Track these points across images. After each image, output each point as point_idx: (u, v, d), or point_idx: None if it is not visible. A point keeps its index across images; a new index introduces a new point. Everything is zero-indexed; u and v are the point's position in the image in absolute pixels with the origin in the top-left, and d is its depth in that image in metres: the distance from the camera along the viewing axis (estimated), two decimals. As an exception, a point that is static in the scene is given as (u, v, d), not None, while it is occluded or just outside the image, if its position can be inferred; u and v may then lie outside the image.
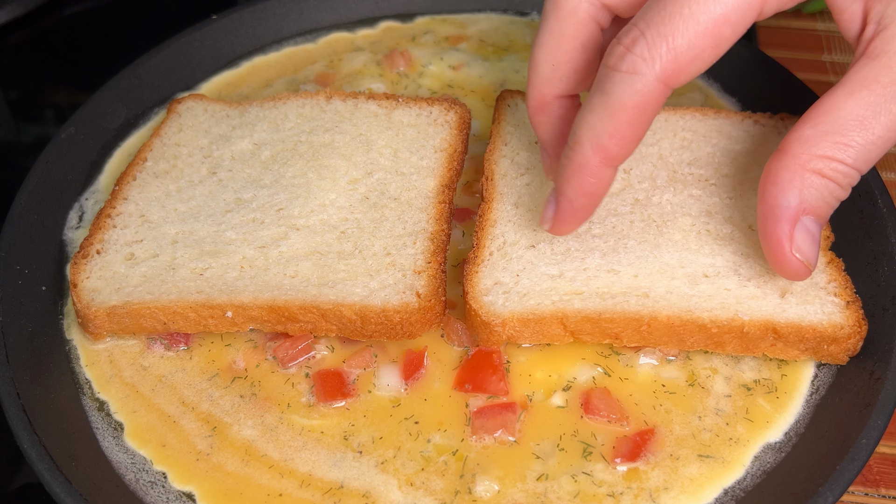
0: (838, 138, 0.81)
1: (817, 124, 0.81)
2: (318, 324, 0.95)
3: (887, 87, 0.79)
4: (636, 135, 0.82)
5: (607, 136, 0.81)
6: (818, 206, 0.83)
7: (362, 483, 0.88)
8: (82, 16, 1.67)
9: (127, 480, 0.89)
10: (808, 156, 0.82)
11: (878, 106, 0.79)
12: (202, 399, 0.95)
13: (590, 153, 0.82)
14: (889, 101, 0.79)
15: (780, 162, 0.83)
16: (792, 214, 0.83)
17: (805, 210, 0.83)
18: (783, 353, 0.92)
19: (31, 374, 0.94)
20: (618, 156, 0.83)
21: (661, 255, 0.96)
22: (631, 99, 0.79)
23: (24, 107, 1.56)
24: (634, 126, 0.81)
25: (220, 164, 1.11)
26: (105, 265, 1.00)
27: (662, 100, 0.80)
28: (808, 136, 0.82)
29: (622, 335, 0.92)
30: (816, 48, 1.47)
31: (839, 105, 0.81)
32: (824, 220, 0.85)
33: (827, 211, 0.84)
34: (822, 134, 0.81)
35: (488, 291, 0.94)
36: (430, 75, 1.28)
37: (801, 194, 0.82)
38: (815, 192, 0.82)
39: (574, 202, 0.87)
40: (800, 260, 0.84)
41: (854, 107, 0.80)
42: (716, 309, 0.91)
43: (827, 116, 0.81)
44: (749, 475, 0.88)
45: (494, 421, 0.90)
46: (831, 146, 0.81)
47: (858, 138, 0.80)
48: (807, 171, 0.82)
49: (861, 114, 0.80)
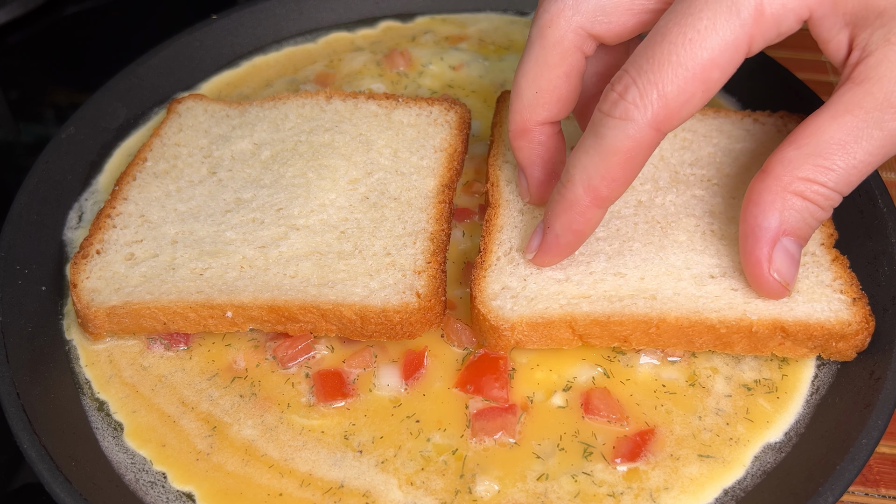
0: (820, 161, 0.82)
1: (801, 146, 0.83)
2: (318, 324, 0.95)
3: (870, 112, 0.80)
4: (627, 178, 0.83)
5: (599, 178, 0.83)
6: (798, 228, 0.85)
7: (362, 482, 0.88)
8: (82, 16, 1.67)
9: (127, 480, 0.89)
10: (790, 178, 0.83)
11: (861, 131, 0.80)
12: (202, 399, 0.95)
13: (581, 192, 0.85)
14: (871, 126, 0.80)
15: (763, 183, 0.84)
16: (772, 235, 0.85)
17: (785, 231, 0.84)
18: (792, 352, 0.92)
19: (31, 374, 0.94)
20: (608, 197, 0.85)
21: (667, 256, 0.96)
22: (623, 144, 0.80)
23: (24, 107, 1.56)
24: (626, 169, 0.82)
25: (220, 164, 1.11)
26: (105, 265, 1.00)
27: (654, 144, 0.82)
28: (791, 158, 0.83)
29: (631, 338, 0.92)
30: (816, 48, 1.46)
31: (823, 128, 0.81)
32: (805, 241, 0.87)
33: (808, 232, 0.86)
34: (805, 156, 0.82)
35: (496, 296, 0.94)
36: (430, 75, 1.28)
37: (782, 216, 0.84)
38: (796, 213, 0.84)
39: (560, 237, 0.90)
40: (777, 280, 0.87)
41: (837, 131, 0.81)
42: (724, 309, 0.91)
43: (810, 139, 0.82)
44: (749, 475, 0.87)
45: (494, 423, 0.90)
46: (813, 169, 0.82)
47: (840, 162, 0.81)
48: (788, 192, 0.83)
49: (843, 138, 0.81)
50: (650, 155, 0.83)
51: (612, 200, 0.86)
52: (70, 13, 1.66)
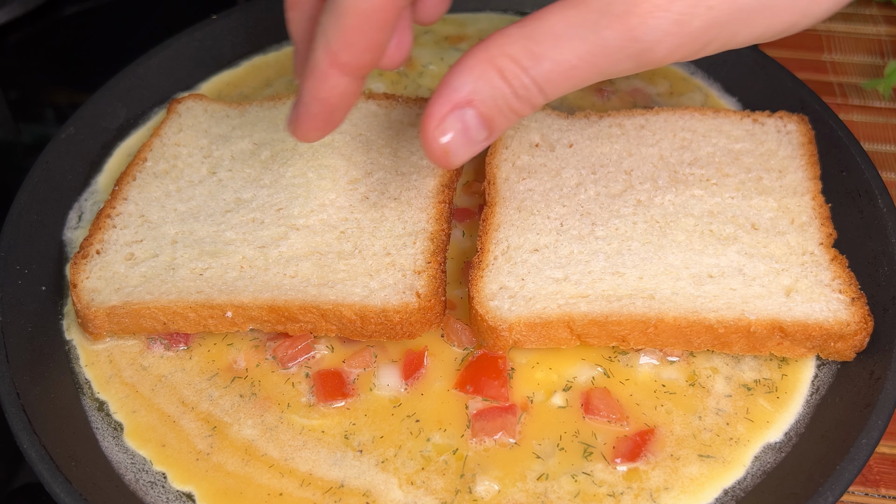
0: (531, 45, 0.76)
1: (523, 25, 0.77)
2: (318, 324, 0.95)
3: (593, 11, 0.74)
4: (366, 43, 0.78)
5: (336, 40, 0.77)
6: (486, 104, 0.79)
7: (363, 482, 0.88)
8: (82, 16, 1.67)
9: (127, 480, 0.89)
10: (498, 51, 0.77)
11: (578, 28, 0.74)
12: (202, 399, 0.95)
13: (321, 55, 0.79)
14: (587, 27, 0.74)
15: (475, 47, 0.79)
16: (457, 98, 0.79)
17: (471, 102, 0.78)
18: (790, 352, 0.92)
19: (31, 374, 0.94)
20: (349, 63, 0.79)
21: (666, 256, 0.96)
22: (354, 2, 0.76)
23: (24, 107, 1.56)
24: (363, 32, 0.77)
25: (220, 164, 1.11)
26: (105, 265, 1.00)
27: (393, 7, 0.76)
28: (509, 33, 0.77)
29: (629, 337, 0.92)
30: (816, 48, 1.47)
31: (548, 14, 0.76)
32: (490, 125, 0.81)
33: (495, 114, 0.80)
34: (520, 36, 0.77)
35: (494, 296, 0.94)
36: (430, 75, 1.28)
37: (475, 84, 0.78)
38: (489, 88, 0.78)
39: (309, 106, 0.82)
40: (441, 144, 0.81)
41: (558, 21, 0.75)
42: (722, 309, 0.91)
43: (534, 21, 0.76)
44: (749, 475, 0.88)
45: (494, 423, 0.90)
46: (521, 50, 0.76)
47: (549, 53, 0.75)
48: (490, 64, 0.77)
49: (560, 30, 0.75)
50: (393, 21, 0.77)
51: (357, 67, 0.79)
52: (70, 13, 1.66)
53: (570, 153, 1.08)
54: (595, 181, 1.05)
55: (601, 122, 1.12)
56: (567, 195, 1.03)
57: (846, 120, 1.26)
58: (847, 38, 1.48)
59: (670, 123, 1.11)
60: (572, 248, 0.98)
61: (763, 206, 1.01)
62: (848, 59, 1.45)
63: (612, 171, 1.06)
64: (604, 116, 1.12)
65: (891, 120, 1.35)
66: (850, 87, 1.40)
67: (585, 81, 0.77)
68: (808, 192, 1.03)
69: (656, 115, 1.12)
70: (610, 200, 1.02)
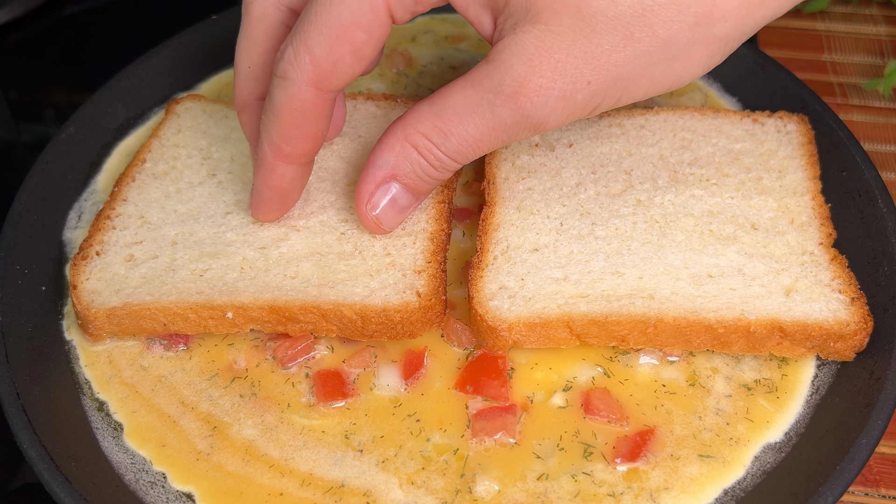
0: (439, 123, 0.84)
1: (433, 103, 0.85)
2: (318, 324, 0.95)
3: (487, 92, 0.81)
4: (306, 135, 0.86)
5: (277, 136, 0.86)
6: (408, 177, 0.89)
7: (363, 482, 0.88)
8: (82, 16, 1.67)
9: (127, 480, 0.89)
10: (412, 129, 0.86)
11: (476, 107, 0.82)
12: (202, 399, 0.95)
13: (266, 150, 0.88)
14: (484, 106, 0.82)
15: (393, 125, 0.88)
16: (381, 175, 0.90)
17: (395, 176, 0.89)
18: (790, 352, 0.92)
19: (31, 374, 0.94)
20: (292, 154, 0.87)
21: (665, 256, 0.96)
22: (286, 102, 0.83)
23: (24, 107, 1.56)
24: (300, 127, 0.85)
25: (220, 167, 1.11)
26: (105, 266, 1.00)
27: (325, 103, 0.84)
28: (421, 111, 0.86)
29: (629, 337, 0.92)
30: (816, 48, 1.47)
31: (452, 93, 0.84)
32: (415, 192, 0.92)
33: (419, 183, 0.90)
34: (430, 113, 0.85)
35: (494, 296, 0.94)
36: (430, 75, 1.28)
37: (396, 160, 0.88)
38: (408, 163, 0.88)
39: (262, 193, 0.94)
40: (373, 217, 0.93)
41: (460, 99, 0.83)
42: (721, 309, 0.91)
43: (440, 99, 0.84)
44: (749, 475, 0.88)
45: (494, 423, 0.90)
46: (431, 128, 0.85)
47: (455, 129, 0.84)
48: (408, 141, 0.86)
49: (462, 109, 0.83)
50: (327, 113, 0.85)
51: (301, 156, 0.88)
52: (70, 13, 1.66)
53: (569, 153, 1.08)
54: (595, 181, 1.05)
55: (601, 121, 1.12)
56: (567, 195, 1.03)
57: (846, 120, 1.27)
58: (847, 38, 1.48)
59: (670, 123, 1.11)
60: (572, 247, 0.98)
61: (763, 206, 1.01)
62: (848, 59, 1.45)
63: (612, 171, 1.06)
64: (604, 116, 1.12)
65: (891, 120, 1.35)
66: (850, 87, 1.40)
67: (493, 148, 0.86)
68: (808, 192, 1.03)
69: (656, 115, 1.12)
70: (610, 200, 1.02)
